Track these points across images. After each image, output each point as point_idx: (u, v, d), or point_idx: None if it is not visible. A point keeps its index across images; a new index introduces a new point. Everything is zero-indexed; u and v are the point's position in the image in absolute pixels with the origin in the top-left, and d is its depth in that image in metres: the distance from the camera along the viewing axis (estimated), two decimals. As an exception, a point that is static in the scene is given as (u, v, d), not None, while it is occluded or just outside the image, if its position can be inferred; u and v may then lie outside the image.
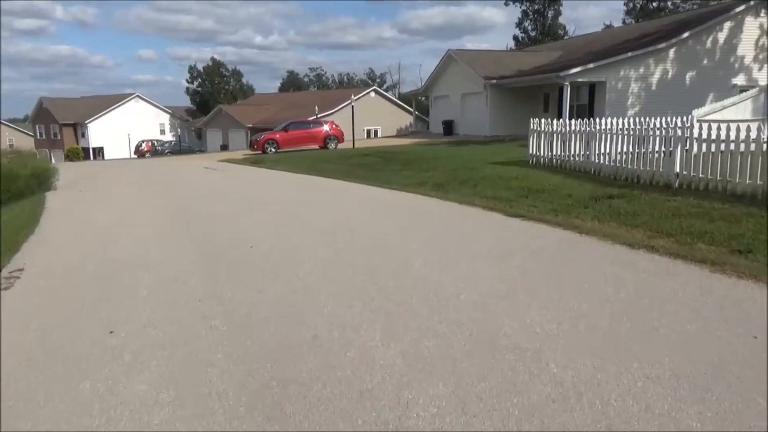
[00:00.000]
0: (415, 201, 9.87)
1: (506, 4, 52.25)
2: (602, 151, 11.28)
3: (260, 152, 23.99)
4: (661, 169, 9.66)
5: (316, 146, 24.69)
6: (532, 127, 13.51)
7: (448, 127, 29.91)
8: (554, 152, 12.76)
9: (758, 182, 7.96)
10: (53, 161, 54.68)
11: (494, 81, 25.63)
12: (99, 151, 58.01)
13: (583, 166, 11.79)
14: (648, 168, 9.96)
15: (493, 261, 5.66)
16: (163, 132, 61.73)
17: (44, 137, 61.24)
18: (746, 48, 22.81)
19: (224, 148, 46.38)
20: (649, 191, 9.33)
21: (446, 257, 5.85)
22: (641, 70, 21.89)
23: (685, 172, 9.19)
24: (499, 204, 9.45)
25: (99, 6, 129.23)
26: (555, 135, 12.74)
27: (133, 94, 61.09)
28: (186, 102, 70.64)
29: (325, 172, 15.94)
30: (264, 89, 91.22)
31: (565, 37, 45.27)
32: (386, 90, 60.99)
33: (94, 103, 60.89)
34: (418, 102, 39.60)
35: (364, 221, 8.23)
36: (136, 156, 46.59)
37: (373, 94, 46.11)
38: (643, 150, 10.53)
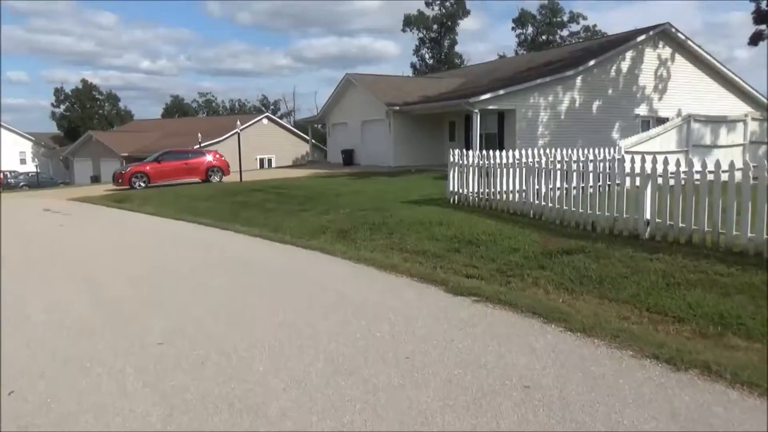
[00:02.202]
0: (316, 265, 7.13)
1: (403, 31, 51.48)
2: (542, 188, 9.25)
3: (127, 187, 20.10)
4: (624, 215, 7.68)
5: (197, 179, 21.21)
6: (451, 159, 11.34)
7: (348, 156, 27.55)
8: (480, 189, 10.60)
9: (765, 236, 6.09)
10: None
11: (398, 107, 23.68)
12: (-59, 184, 49.55)
13: (519, 208, 9.69)
14: (606, 213, 7.97)
15: None
16: (23, 161, 54.34)
17: None
18: (647, 78, 22.64)
19: (95, 179, 40.90)
20: (614, 244, 7.30)
21: None
22: (550, 98, 20.85)
23: (658, 220, 7.24)
24: (426, 264, 7.03)
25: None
26: (479, 169, 10.59)
27: (-15, 118, 53.21)
28: (54, 128, 63.06)
29: (201, 215, 12.77)
30: (148, 116, 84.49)
31: (462, 66, 45.02)
32: (281, 117, 57.90)
33: (-66, 128, 52.25)
34: (314, 130, 37.07)
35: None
36: (-17, 190, 39.74)
37: (265, 120, 42.99)
38: (572, 185, 8.65)
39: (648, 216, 7.33)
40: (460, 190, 11.13)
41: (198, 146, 29.02)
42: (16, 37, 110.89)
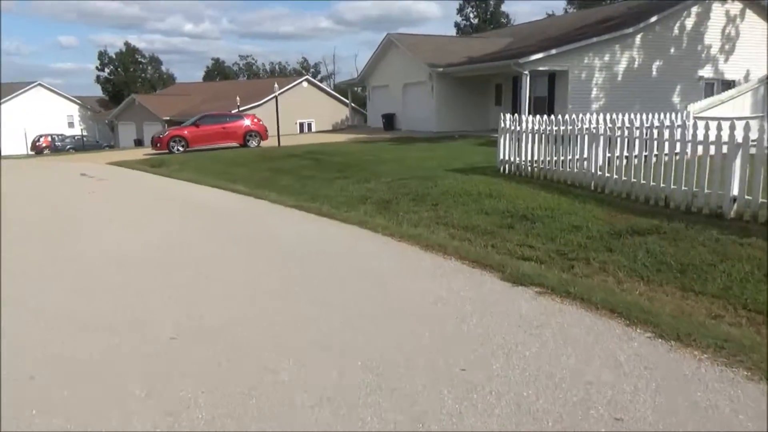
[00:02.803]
0: (354, 243, 6.46)
1: (446, -10, 49.31)
2: (604, 157, 8.29)
3: (165, 151, 19.85)
4: (706, 190, 6.71)
5: (235, 143, 20.78)
6: (502, 124, 10.40)
7: (389, 121, 26.65)
8: (534, 157, 9.68)
9: None
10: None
11: (441, 69, 22.54)
12: (-6, 146, 51.04)
13: (578, 179, 8.77)
14: (683, 186, 7.00)
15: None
16: (72, 125, 55.16)
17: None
18: (712, 37, 20.78)
19: (138, 143, 41.19)
20: (693, 224, 6.38)
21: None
22: (606, 57, 19.37)
23: (748, 197, 6.26)
24: (476, 242, 6.30)
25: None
26: (534, 135, 9.65)
27: (35, 82, 54.14)
28: (100, 92, 63.88)
29: (237, 182, 12.27)
30: (192, 79, 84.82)
31: (509, 25, 42.94)
32: (321, 81, 57.03)
33: (-13, 92, 53.50)
34: (354, 93, 36.19)
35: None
36: (33, 152, 40.58)
37: (305, 84, 42.18)
38: (633, 154, 7.68)
39: (736, 192, 6.35)
40: (512, 159, 10.24)
41: (237, 110, 28.59)
42: (66, 2, 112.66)
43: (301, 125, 40.38)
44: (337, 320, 4.00)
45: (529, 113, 18.38)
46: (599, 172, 8.34)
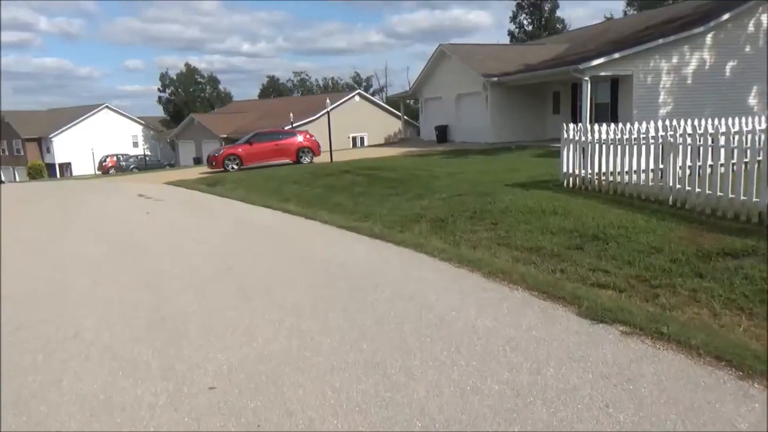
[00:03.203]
0: (409, 268, 5.98)
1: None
2: (683, 167, 7.50)
3: (221, 170, 20.05)
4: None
5: (288, 160, 20.78)
6: (565, 134, 9.71)
7: (442, 133, 26.12)
8: (604, 169, 8.95)
9: None
10: (17, 179, 50.55)
11: (495, 78, 21.86)
12: (66, 167, 53.75)
13: (653, 192, 7.99)
14: (782, 201, 6.17)
15: None
16: (135, 145, 57.49)
17: (7, 153, 56.79)
18: (793, 32, 19.21)
19: (197, 161, 42.32)
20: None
21: None
22: (674, 59, 18.21)
23: None
24: (543, 266, 5.73)
25: (85, 17, 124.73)
26: (604, 145, 8.91)
27: (102, 104, 56.84)
28: (162, 112, 66.41)
29: (289, 200, 12.08)
30: (249, 97, 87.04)
31: (565, 31, 41.65)
32: (373, 94, 57.16)
33: (59, 115, 56.59)
34: (406, 106, 35.90)
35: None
36: (99, 172, 42.40)
37: (357, 98, 42.25)
38: (716, 163, 6.84)
39: None
40: (577, 171, 9.53)
41: (290, 126, 28.81)
42: (132, 27, 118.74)
43: (354, 139, 40.40)
44: (394, 368, 3.53)
45: (590, 121, 17.50)
46: (678, 185, 7.55)
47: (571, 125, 9.73)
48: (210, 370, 3.65)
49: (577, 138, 9.44)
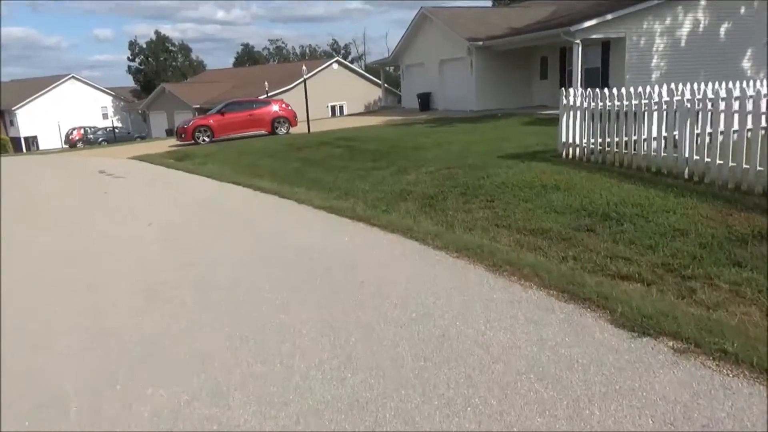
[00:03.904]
0: (399, 262, 5.10)
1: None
2: (698, 136, 6.70)
3: (191, 142, 18.84)
4: None
5: (263, 131, 19.61)
6: (564, 100, 8.84)
7: (425, 101, 25.06)
8: (608, 138, 8.12)
9: None
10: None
11: (480, 43, 20.79)
12: (32, 141, 51.51)
13: (667, 164, 7.20)
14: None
15: None
16: (105, 116, 55.24)
17: (-32, 127, 54.17)
18: (789, -8, 18.40)
19: (170, 133, 40.65)
20: None
21: None
22: (668, 21, 17.33)
23: None
24: (552, 252, 4.97)
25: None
26: (609, 112, 8.06)
27: (68, 75, 54.29)
28: (132, 82, 63.72)
29: (263, 176, 11.10)
30: (224, 66, 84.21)
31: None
32: (352, 62, 55.40)
33: (23, 87, 53.99)
34: (386, 73, 34.65)
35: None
36: (66, 146, 40.56)
37: (336, 65, 40.80)
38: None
39: None
40: (577, 141, 8.69)
41: (265, 95, 27.46)
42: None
43: (333, 108, 39.10)
44: (391, 414, 2.69)
45: (581, 86, 16.65)
46: (696, 156, 6.75)
47: (571, 90, 8.85)
48: None
49: (577, 104, 8.57)
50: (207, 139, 18.81)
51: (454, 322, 3.61)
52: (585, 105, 8.36)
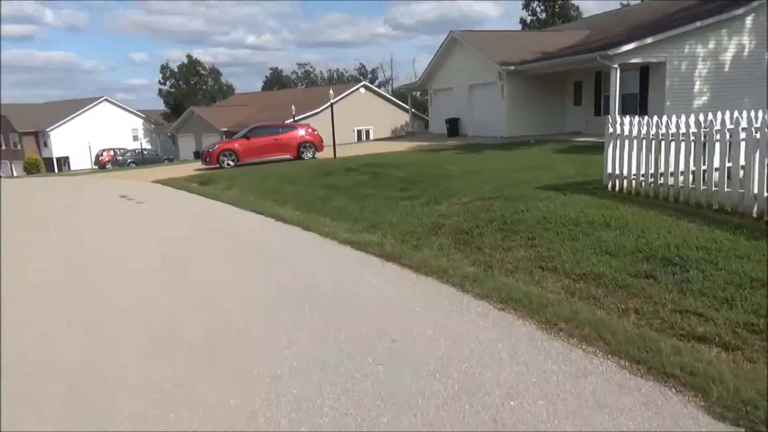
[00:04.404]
0: (434, 314, 4.46)
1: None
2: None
3: (216, 166, 18.56)
4: None
5: (288, 156, 19.26)
6: (611, 128, 8.17)
7: (453, 126, 24.54)
8: (661, 169, 7.41)
9: None
10: (14, 174, 49.26)
11: (513, 67, 20.25)
12: (64, 161, 52.47)
13: (732, 202, 6.45)
14: None
15: None
16: (136, 138, 56.08)
17: (3, 147, 55.50)
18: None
19: (197, 155, 40.89)
20: None
21: None
22: (711, 45, 16.56)
23: None
24: (608, 302, 4.34)
25: (90, 8, 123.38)
26: (664, 141, 7.36)
27: (102, 97, 55.42)
28: (163, 105, 64.87)
29: (286, 203, 10.63)
30: (253, 90, 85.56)
31: (579, 18, 39.76)
32: (378, 86, 55.47)
33: (57, 108, 55.22)
34: (414, 98, 34.31)
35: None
36: (96, 167, 41.07)
37: (363, 90, 40.67)
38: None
39: None
40: (625, 173, 7.99)
41: (291, 119, 27.28)
42: (137, 19, 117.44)
43: (359, 133, 38.87)
44: None
45: (618, 113, 15.93)
46: (766, 194, 6.01)
47: (618, 118, 8.17)
48: None
49: (627, 132, 7.88)
50: (232, 163, 18.52)
51: (506, 401, 2.95)
52: (636, 133, 7.67)
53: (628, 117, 8.08)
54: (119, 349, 4.02)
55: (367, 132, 39.17)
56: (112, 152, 41.66)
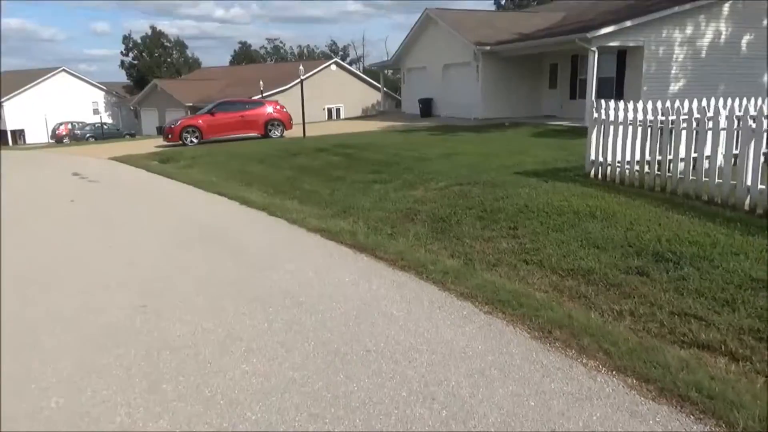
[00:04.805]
0: (412, 318, 4.00)
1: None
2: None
3: (178, 143, 17.67)
4: None
5: (256, 134, 18.47)
6: (595, 114, 7.80)
7: (426, 106, 24.01)
8: (647, 157, 7.08)
9: None
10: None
11: (488, 48, 19.77)
12: (19, 134, 50.04)
13: (722, 194, 6.16)
14: None
15: None
16: (97, 112, 53.80)
17: (-47, 118, 52.60)
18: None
19: (161, 131, 39.43)
20: None
21: None
22: (688, 30, 16.36)
23: None
24: (603, 305, 4.03)
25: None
26: (651, 128, 7.02)
27: (59, 68, 52.83)
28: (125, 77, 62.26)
29: (252, 184, 10.05)
30: (220, 65, 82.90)
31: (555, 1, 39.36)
32: (350, 64, 54.38)
33: (12, 78, 52.35)
34: (386, 77, 33.59)
35: None
36: (53, 141, 39.23)
37: (334, 67, 39.72)
38: None
39: None
40: (608, 160, 7.64)
41: (260, 96, 26.31)
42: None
43: (330, 111, 38.01)
44: None
45: (594, 97, 15.68)
46: (761, 185, 5.71)
47: (602, 102, 7.79)
48: None
49: (612, 118, 7.51)
50: (195, 141, 17.65)
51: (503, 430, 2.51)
52: (622, 118, 7.30)
53: (612, 102, 7.72)
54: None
55: (338, 110, 38.35)
56: (69, 125, 39.80)
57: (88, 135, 38.14)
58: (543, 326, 3.58)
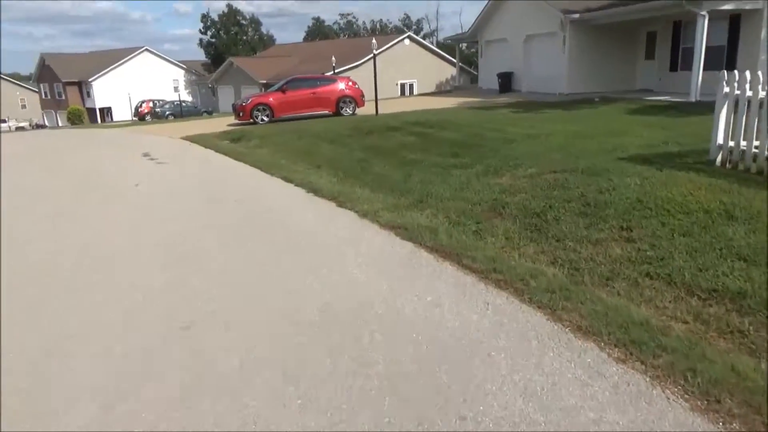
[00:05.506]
0: (515, 354, 3.11)
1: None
2: None
3: (249, 121, 17.34)
4: None
5: (327, 111, 17.84)
6: (727, 88, 6.46)
7: (506, 81, 22.52)
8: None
9: None
10: (59, 124, 49.55)
11: (577, 15, 18.04)
12: (107, 112, 52.38)
13: None
14: None
15: None
16: (177, 90, 55.36)
17: (49, 97, 55.81)
18: None
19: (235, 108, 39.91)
20: None
21: None
22: (819, -11, 14.06)
23: None
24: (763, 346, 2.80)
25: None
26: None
27: (142, 47, 54.63)
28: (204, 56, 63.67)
29: (323, 166, 9.38)
30: (294, 41, 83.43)
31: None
32: (423, 38, 52.79)
33: (99, 58, 54.79)
34: (461, 51, 32.06)
35: None
36: (136, 118, 40.58)
37: (407, 41, 38.41)
38: None
39: None
40: (743, 145, 6.30)
41: (332, 72, 25.66)
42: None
43: (402, 87, 36.93)
44: None
45: (701, 69, 13.90)
46: None
47: (735, 74, 6.43)
48: None
49: (746, 93, 6.15)
50: (266, 119, 17.24)
51: None
52: (745, 94, 5.94)
53: (748, 73, 6.34)
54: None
55: (411, 86, 37.21)
56: (151, 104, 40.96)
57: (167, 113, 39.09)
58: (704, 389, 2.60)
